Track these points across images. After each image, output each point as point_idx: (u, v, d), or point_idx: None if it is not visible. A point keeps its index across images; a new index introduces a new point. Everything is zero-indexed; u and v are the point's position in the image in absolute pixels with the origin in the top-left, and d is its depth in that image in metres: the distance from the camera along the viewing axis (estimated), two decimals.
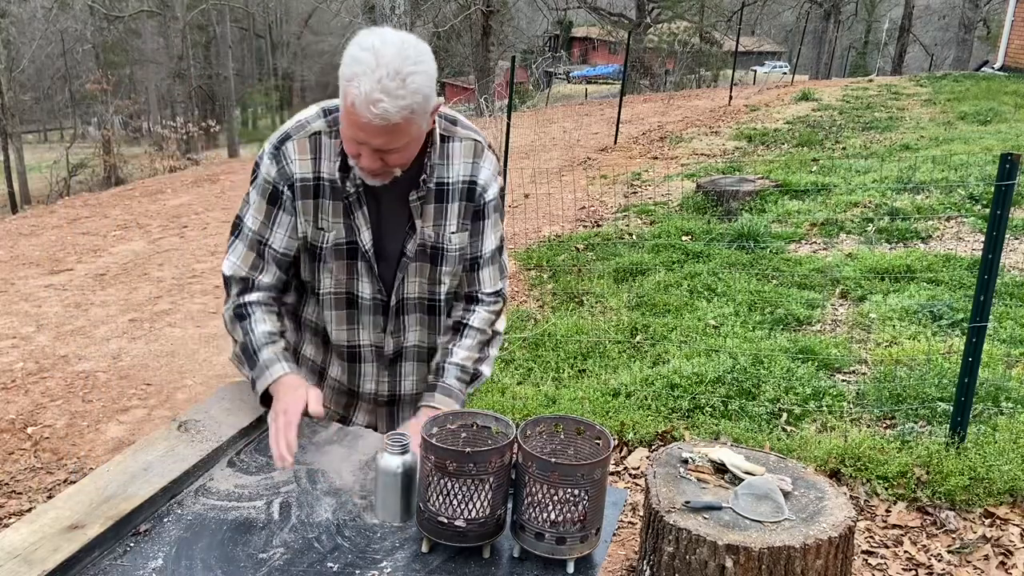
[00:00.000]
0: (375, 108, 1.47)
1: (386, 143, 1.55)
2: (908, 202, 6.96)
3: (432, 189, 1.73)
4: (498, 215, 1.83)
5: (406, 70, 1.48)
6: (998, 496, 2.99)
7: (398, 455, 1.55)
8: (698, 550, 2.06)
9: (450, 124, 1.74)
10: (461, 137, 1.74)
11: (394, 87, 1.47)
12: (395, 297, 1.80)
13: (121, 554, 1.46)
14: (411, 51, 1.50)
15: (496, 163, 1.80)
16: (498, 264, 1.87)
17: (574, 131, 13.48)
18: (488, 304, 1.86)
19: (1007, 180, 2.95)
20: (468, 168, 1.74)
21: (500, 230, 1.85)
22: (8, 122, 24.29)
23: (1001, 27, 19.43)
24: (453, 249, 1.78)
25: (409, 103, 1.49)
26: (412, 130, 1.56)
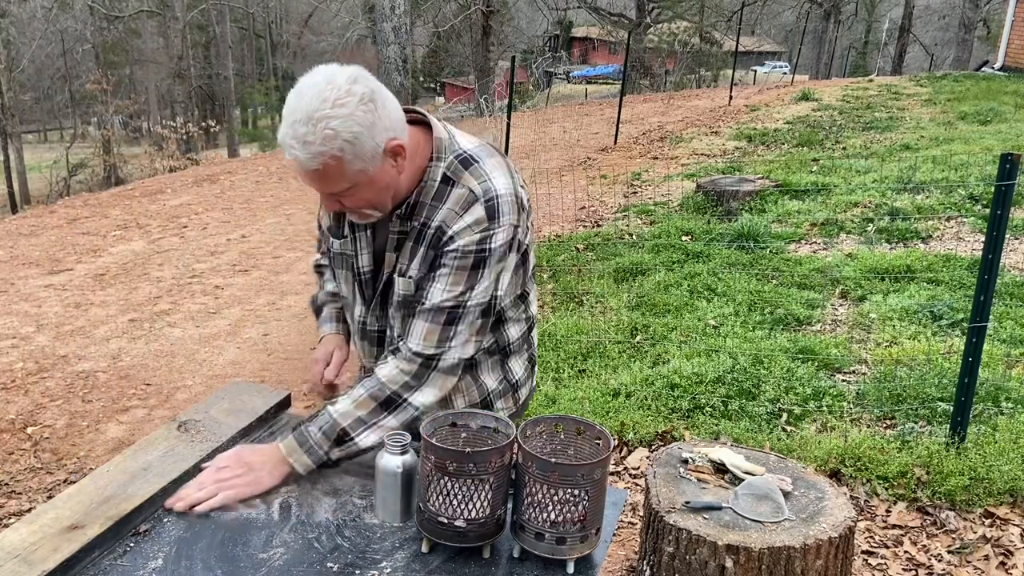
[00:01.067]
0: (288, 155, 1.44)
1: (319, 187, 1.51)
2: (908, 202, 6.96)
3: (416, 228, 1.61)
4: (465, 274, 1.57)
5: (319, 114, 1.40)
6: (998, 496, 2.99)
7: (398, 455, 1.55)
8: (698, 550, 2.06)
9: (461, 167, 1.59)
10: (462, 184, 1.58)
11: (303, 132, 1.41)
12: (376, 324, 1.77)
13: (121, 554, 1.46)
14: (332, 93, 1.41)
15: (483, 217, 1.55)
16: (440, 324, 1.59)
17: (574, 131, 13.49)
18: (402, 359, 1.60)
19: (1007, 180, 2.95)
20: (449, 216, 1.57)
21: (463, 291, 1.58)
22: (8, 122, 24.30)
23: (1001, 27, 19.43)
24: (398, 291, 1.66)
25: (323, 149, 1.41)
26: (346, 175, 1.47)
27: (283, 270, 6.72)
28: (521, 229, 1.63)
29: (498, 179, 1.59)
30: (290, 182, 10.70)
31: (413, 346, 1.60)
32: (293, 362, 4.85)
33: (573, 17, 39.88)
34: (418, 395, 1.61)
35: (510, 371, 1.84)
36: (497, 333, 1.77)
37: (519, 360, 1.86)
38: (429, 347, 1.60)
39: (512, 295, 1.74)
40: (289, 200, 9.53)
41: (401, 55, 12.65)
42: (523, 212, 1.64)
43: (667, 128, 13.41)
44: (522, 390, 1.90)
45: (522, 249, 1.68)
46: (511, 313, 1.78)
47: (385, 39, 12.52)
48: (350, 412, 1.59)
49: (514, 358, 1.84)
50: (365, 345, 1.82)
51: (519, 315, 1.81)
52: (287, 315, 5.66)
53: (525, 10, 36.13)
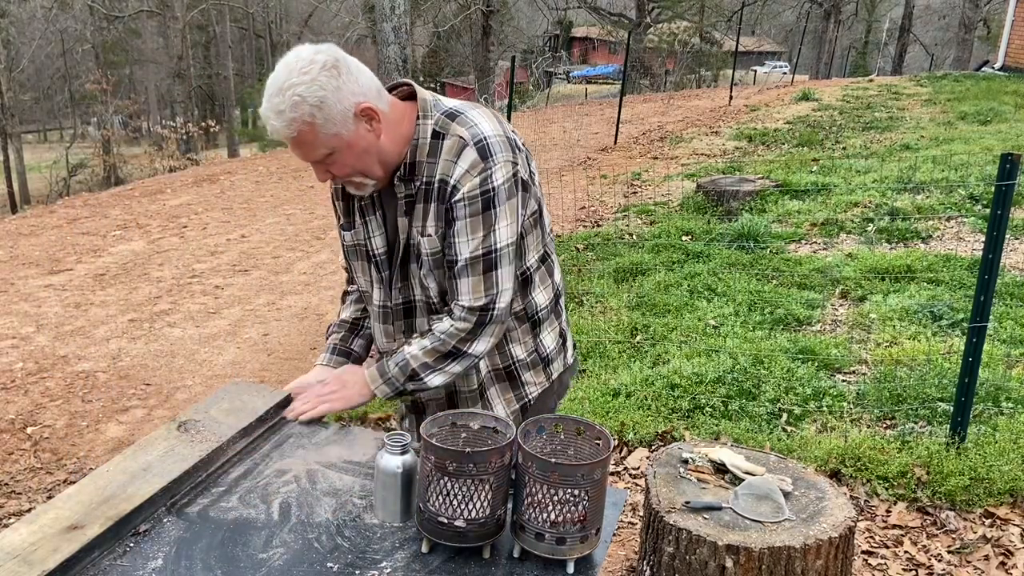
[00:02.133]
0: (268, 127, 1.56)
1: (303, 155, 1.61)
2: (908, 202, 6.96)
3: (421, 188, 1.67)
4: (479, 219, 1.64)
5: (287, 83, 1.52)
6: (998, 496, 2.99)
7: (398, 455, 1.55)
8: (698, 550, 2.06)
9: (448, 120, 1.66)
10: (452, 134, 1.64)
11: (277, 103, 1.53)
12: (400, 296, 1.80)
13: (121, 554, 1.46)
14: (297, 63, 1.54)
15: (478, 159, 1.62)
16: (481, 276, 1.66)
17: (574, 131, 13.49)
18: (458, 319, 1.69)
19: (1007, 180, 2.95)
20: (446, 167, 1.64)
21: (486, 237, 1.65)
22: (8, 122, 24.30)
23: (1001, 27, 19.44)
24: (425, 252, 1.71)
25: (294, 115, 1.53)
26: (320, 139, 1.57)
27: (283, 270, 6.72)
28: (521, 167, 1.69)
29: (484, 124, 1.66)
30: (290, 182, 10.70)
31: (465, 302, 1.68)
32: (293, 362, 4.85)
33: (573, 17, 39.88)
34: (476, 345, 1.72)
35: (541, 343, 1.86)
36: (526, 299, 1.81)
37: (550, 332, 1.88)
38: (479, 299, 1.68)
39: (536, 254, 1.79)
40: (289, 200, 9.53)
41: (401, 55, 12.64)
42: (518, 151, 1.70)
43: (667, 128, 13.41)
44: (554, 364, 1.91)
45: (531, 191, 1.74)
46: (537, 276, 1.82)
47: (385, 39, 12.52)
48: (419, 357, 1.73)
49: (544, 329, 1.87)
50: (388, 328, 1.85)
51: (544, 280, 1.84)
52: (287, 315, 5.66)
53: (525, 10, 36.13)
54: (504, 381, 1.86)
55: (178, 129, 21.62)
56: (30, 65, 27.86)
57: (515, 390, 1.88)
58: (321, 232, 7.79)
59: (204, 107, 34.89)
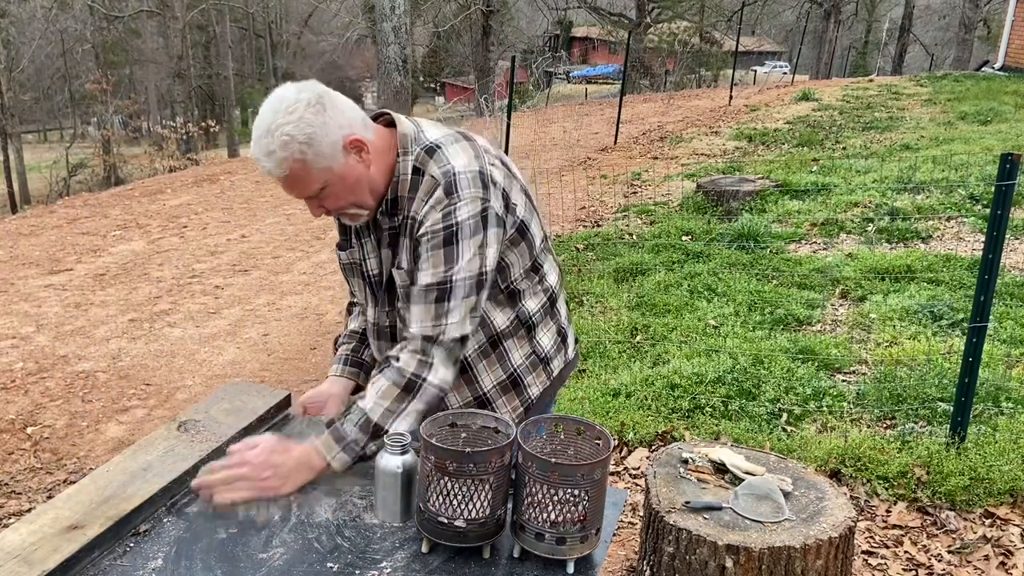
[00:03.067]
0: (261, 168, 1.59)
1: (298, 192, 1.63)
2: (908, 202, 6.96)
3: (403, 223, 1.70)
4: (441, 253, 1.63)
5: (275, 124, 1.55)
6: (998, 496, 2.99)
7: (398, 455, 1.55)
8: (698, 550, 2.06)
9: (426, 156, 1.67)
10: (428, 172, 1.65)
11: (266, 144, 1.55)
12: (388, 320, 1.84)
13: (121, 554, 1.46)
14: (282, 104, 1.56)
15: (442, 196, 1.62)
16: (432, 305, 1.64)
17: (574, 131, 13.49)
18: (411, 347, 1.66)
19: (1007, 180, 2.95)
20: (418, 205, 1.66)
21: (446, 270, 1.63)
22: (8, 122, 24.30)
23: (1001, 27, 19.44)
24: (399, 285, 1.74)
25: (284, 155, 1.55)
26: (313, 175, 1.59)
27: (283, 270, 6.72)
28: (494, 202, 1.66)
29: (458, 159, 1.66)
30: None
31: (414, 329, 1.66)
32: (293, 362, 4.85)
33: (573, 17, 39.88)
34: (432, 374, 1.65)
35: (538, 345, 1.87)
36: (516, 308, 1.81)
37: (546, 332, 1.89)
38: (427, 328, 1.65)
39: (522, 268, 1.79)
40: (289, 200, 9.52)
41: (401, 55, 12.65)
42: (493, 187, 1.67)
43: (667, 128, 13.41)
44: (553, 363, 1.91)
45: (514, 223, 1.73)
46: (524, 285, 1.82)
47: (385, 39, 12.52)
48: (378, 404, 1.63)
49: (540, 331, 1.87)
50: (381, 344, 1.88)
51: (534, 287, 1.84)
52: (287, 315, 5.66)
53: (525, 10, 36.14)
54: (510, 391, 1.87)
55: (178, 129, 21.61)
56: (30, 65, 27.85)
57: (519, 396, 1.88)
58: (321, 232, 7.79)
59: (204, 107, 34.88)
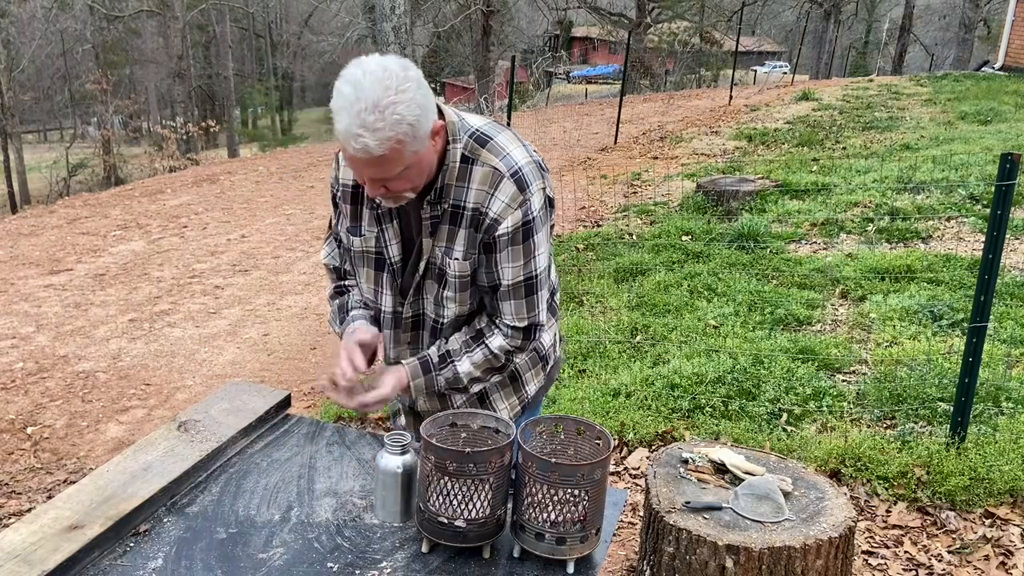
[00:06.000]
0: (355, 143, 1.47)
1: (377, 173, 1.54)
2: (908, 202, 6.96)
3: (447, 211, 1.67)
4: (520, 248, 1.68)
5: (385, 101, 1.45)
6: (998, 496, 2.99)
7: (398, 455, 1.55)
8: (698, 550, 2.06)
9: (478, 145, 1.66)
10: (483, 162, 1.64)
11: (372, 120, 1.45)
12: (410, 310, 1.79)
13: (121, 554, 1.46)
14: (392, 80, 1.47)
15: (516, 192, 1.64)
16: (523, 300, 1.73)
17: (574, 131, 13.49)
18: (508, 335, 1.76)
19: (1007, 180, 2.95)
20: (481, 196, 1.65)
21: (526, 264, 1.70)
22: (8, 122, 24.30)
23: (1001, 27, 19.44)
24: (452, 275, 1.71)
25: (391, 134, 1.47)
26: (404, 158, 1.52)
27: (283, 270, 6.72)
28: (548, 188, 1.74)
29: (515, 150, 1.68)
30: (290, 182, 10.70)
31: (510, 322, 1.75)
32: (293, 362, 4.85)
33: (573, 17, 39.88)
34: (519, 358, 1.82)
35: (540, 342, 1.89)
36: None
37: (548, 330, 1.91)
38: (523, 319, 1.75)
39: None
40: (289, 200, 9.53)
41: (401, 55, 12.65)
42: (545, 173, 1.73)
43: (667, 128, 13.41)
44: (550, 361, 1.95)
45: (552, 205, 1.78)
46: None
47: (385, 39, 12.52)
48: (471, 372, 1.77)
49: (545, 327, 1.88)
50: (399, 333, 1.84)
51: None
52: (287, 315, 5.66)
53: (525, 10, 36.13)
54: (508, 387, 1.88)
55: (178, 129, 21.61)
56: (30, 65, 27.86)
57: (517, 393, 1.89)
58: (321, 232, 7.79)
59: (204, 107, 34.89)
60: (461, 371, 1.76)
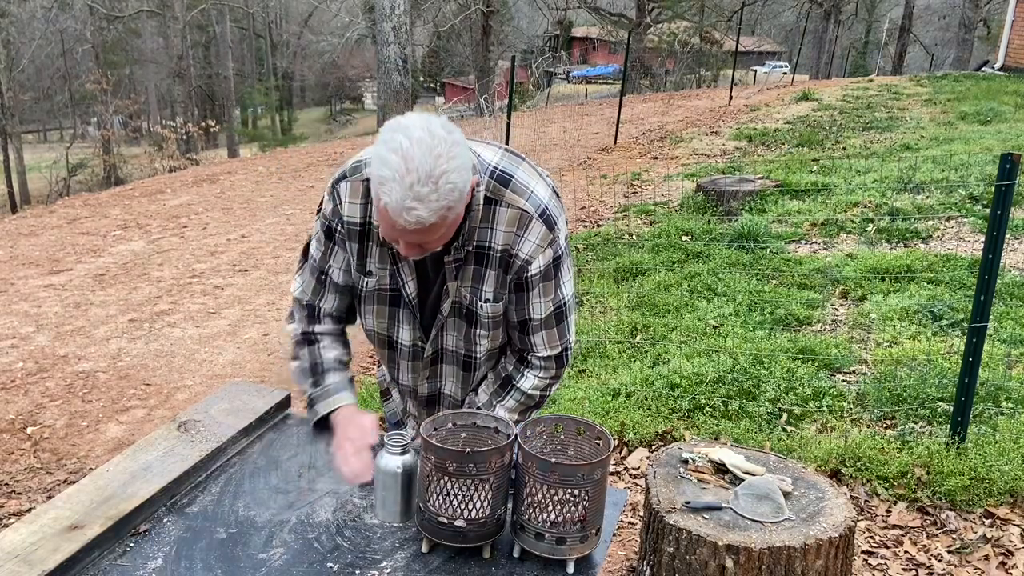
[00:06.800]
0: (408, 216, 1.41)
1: (420, 238, 1.49)
2: (908, 202, 6.96)
3: (472, 252, 1.64)
4: (551, 283, 1.68)
5: (438, 171, 1.39)
6: (998, 496, 2.99)
7: (398, 455, 1.54)
8: (698, 550, 2.06)
9: (500, 186, 1.61)
10: (508, 203, 1.60)
11: (427, 192, 1.39)
12: (431, 348, 1.77)
13: (121, 554, 1.46)
14: (442, 146, 1.40)
15: (546, 232, 1.62)
16: (555, 328, 1.74)
17: (574, 131, 13.49)
18: (541, 369, 1.76)
19: (1007, 180, 2.95)
20: (509, 239, 1.62)
21: (555, 295, 1.71)
22: (8, 122, 24.31)
23: (1001, 27, 19.44)
24: (485, 316, 1.70)
25: (444, 203, 1.42)
26: (448, 221, 1.48)
27: (283, 270, 6.72)
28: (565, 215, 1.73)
29: (537, 188, 1.64)
30: (290, 182, 10.70)
31: (542, 353, 1.76)
32: None
33: (573, 17, 39.87)
34: (558, 383, 1.83)
35: None
36: None
37: None
38: (555, 347, 1.76)
39: None
40: (289, 200, 9.53)
41: (401, 55, 12.65)
42: (560, 200, 1.72)
43: (667, 128, 13.41)
44: None
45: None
46: None
47: (385, 39, 12.52)
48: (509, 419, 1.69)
49: None
50: (418, 365, 1.80)
51: None
52: (287, 315, 5.66)
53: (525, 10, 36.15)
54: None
55: (178, 129, 21.64)
56: (30, 65, 27.86)
57: None
58: None
59: (204, 107, 34.90)
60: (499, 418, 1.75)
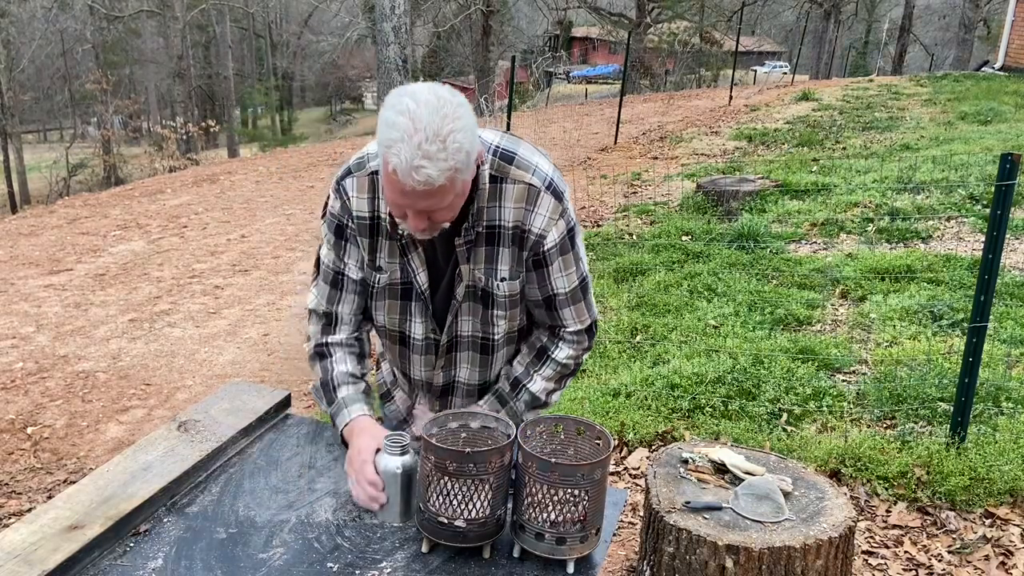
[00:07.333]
0: (417, 175, 1.42)
1: (431, 205, 1.50)
2: (908, 202, 6.96)
3: (482, 233, 1.65)
4: (569, 256, 1.70)
5: (445, 130, 1.42)
6: (998, 496, 2.99)
7: (397, 456, 1.54)
8: (698, 550, 2.06)
9: (504, 163, 1.63)
10: (514, 179, 1.62)
11: (435, 150, 1.41)
12: (447, 336, 1.76)
13: (121, 554, 1.46)
14: (448, 107, 1.43)
15: (556, 204, 1.64)
16: (582, 301, 1.76)
17: (574, 131, 13.49)
18: (573, 343, 1.78)
19: (1007, 180, 2.95)
20: (520, 214, 1.63)
21: (576, 268, 1.73)
22: (8, 122, 24.31)
23: (1001, 27, 19.44)
24: (502, 295, 1.70)
25: (452, 163, 1.43)
26: (456, 187, 1.49)
27: (283, 270, 6.72)
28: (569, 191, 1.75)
29: (541, 162, 1.67)
30: (290, 182, 10.70)
31: (572, 327, 1.77)
32: (293, 362, 4.85)
33: (573, 17, 39.86)
34: (588, 353, 1.85)
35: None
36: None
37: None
38: (584, 321, 1.78)
39: None
40: (289, 200, 9.53)
41: (401, 55, 12.64)
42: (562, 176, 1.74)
43: (667, 128, 13.41)
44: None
45: None
46: None
47: (385, 39, 12.52)
48: (547, 387, 1.80)
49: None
50: (430, 359, 1.80)
51: None
52: (287, 315, 5.66)
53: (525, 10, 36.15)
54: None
55: (178, 129, 21.64)
56: (30, 65, 27.86)
57: None
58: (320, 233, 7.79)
59: (204, 107, 34.89)
60: (536, 390, 1.77)
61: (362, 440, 1.66)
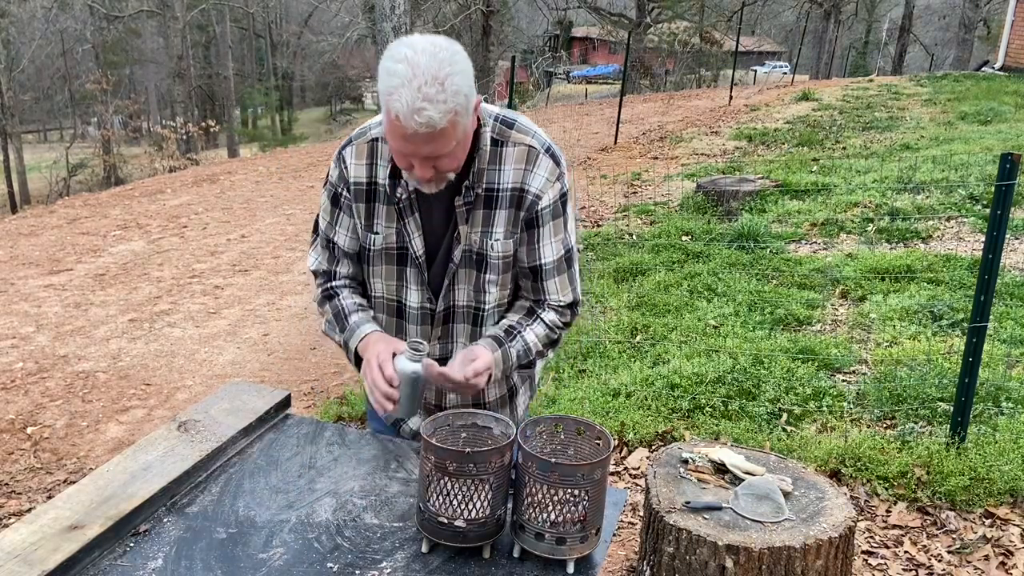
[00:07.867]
0: (419, 117, 1.46)
1: (435, 150, 1.53)
2: (908, 202, 6.96)
3: (481, 195, 1.68)
4: (560, 221, 1.73)
5: (443, 73, 1.46)
6: (998, 496, 2.99)
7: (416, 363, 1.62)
8: (698, 550, 2.06)
9: (505, 127, 1.69)
10: (515, 142, 1.68)
11: (434, 92, 1.45)
12: (443, 303, 1.76)
13: (121, 554, 1.46)
14: (444, 53, 1.48)
15: (554, 167, 1.69)
16: (566, 274, 1.78)
17: (574, 131, 13.48)
18: (558, 312, 1.79)
19: (1007, 180, 2.95)
20: (519, 175, 1.67)
21: (565, 238, 1.75)
22: (8, 122, 24.30)
23: (1001, 27, 19.44)
24: (495, 256, 1.71)
25: (452, 105, 1.47)
26: (458, 132, 1.53)
27: (283, 270, 6.72)
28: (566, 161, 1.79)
29: (539, 130, 1.73)
30: (290, 182, 10.70)
31: (555, 301, 1.79)
32: (293, 362, 4.85)
33: (573, 17, 39.86)
34: (564, 333, 1.86)
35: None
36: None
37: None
38: (568, 294, 1.80)
39: None
40: (289, 200, 9.53)
41: None
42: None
43: (667, 128, 13.41)
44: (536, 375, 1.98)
45: None
46: None
47: (385, 39, 12.51)
48: (537, 344, 1.78)
49: None
50: (426, 329, 1.80)
51: None
52: (287, 315, 5.66)
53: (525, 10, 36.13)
54: (528, 380, 1.91)
55: (178, 129, 21.63)
56: (30, 65, 27.86)
57: (531, 387, 1.92)
58: None
59: (204, 107, 34.88)
60: (529, 341, 1.76)
61: (379, 346, 1.71)
